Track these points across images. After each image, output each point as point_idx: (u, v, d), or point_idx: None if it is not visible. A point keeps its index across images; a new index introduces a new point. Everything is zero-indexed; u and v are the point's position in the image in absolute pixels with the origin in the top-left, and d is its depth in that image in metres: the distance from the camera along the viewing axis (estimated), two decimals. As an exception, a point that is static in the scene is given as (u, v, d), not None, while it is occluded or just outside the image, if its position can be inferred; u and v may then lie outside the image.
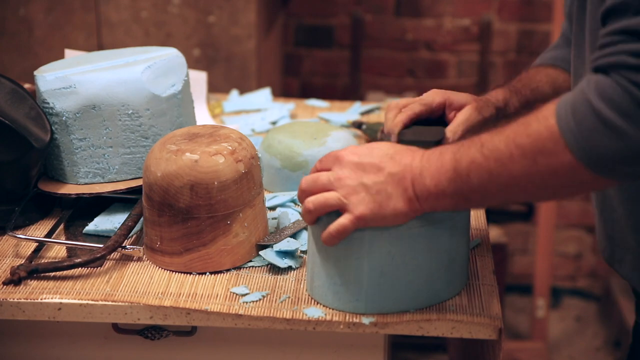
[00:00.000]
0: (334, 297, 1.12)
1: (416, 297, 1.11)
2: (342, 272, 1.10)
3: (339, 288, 1.11)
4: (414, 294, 1.11)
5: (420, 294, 1.11)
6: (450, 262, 1.13)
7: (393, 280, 1.10)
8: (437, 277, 1.12)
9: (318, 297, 1.14)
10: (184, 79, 1.40)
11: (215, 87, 2.20)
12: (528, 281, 2.92)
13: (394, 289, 1.10)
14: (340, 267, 1.10)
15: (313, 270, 1.13)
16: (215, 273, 1.21)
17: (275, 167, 1.43)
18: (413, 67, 2.94)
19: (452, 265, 1.13)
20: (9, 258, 1.24)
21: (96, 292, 1.16)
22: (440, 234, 1.10)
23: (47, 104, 1.33)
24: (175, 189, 1.17)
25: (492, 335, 1.11)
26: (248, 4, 2.36)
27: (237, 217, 1.20)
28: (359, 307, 1.11)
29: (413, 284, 1.11)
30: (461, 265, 1.15)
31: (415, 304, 1.12)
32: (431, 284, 1.12)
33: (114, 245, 1.22)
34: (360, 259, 1.08)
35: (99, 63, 1.37)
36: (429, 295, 1.12)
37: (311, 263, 1.14)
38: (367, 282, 1.09)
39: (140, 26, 2.39)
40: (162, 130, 1.35)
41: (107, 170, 1.35)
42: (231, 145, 1.20)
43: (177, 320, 1.14)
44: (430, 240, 1.10)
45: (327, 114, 1.79)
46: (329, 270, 1.11)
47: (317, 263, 1.12)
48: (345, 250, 1.09)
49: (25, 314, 1.15)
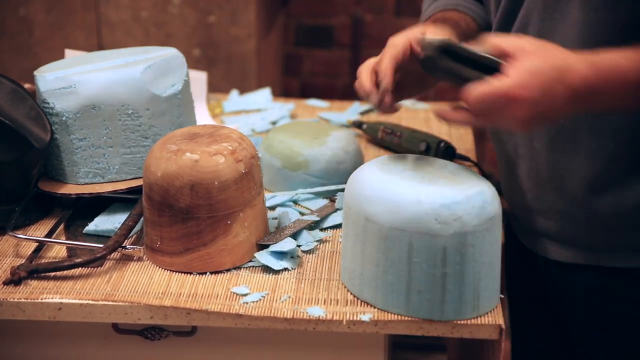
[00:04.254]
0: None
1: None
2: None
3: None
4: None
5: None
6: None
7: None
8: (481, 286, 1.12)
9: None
10: (184, 79, 1.40)
11: (215, 87, 2.20)
12: (528, 281, 2.91)
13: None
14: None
15: (478, 288, 1.10)
16: (215, 273, 1.21)
17: (275, 167, 1.43)
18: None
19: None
20: (9, 258, 1.24)
21: (96, 292, 1.16)
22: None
23: (47, 104, 1.33)
24: (176, 189, 1.17)
25: (492, 335, 1.11)
26: (248, 4, 2.36)
27: (237, 217, 1.20)
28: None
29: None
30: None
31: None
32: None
33: (114, 245, 1.22)
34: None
35: (99, 63, 1.37)
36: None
37: (473, 283, 1.10)
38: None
39: (140, 26, 2.39)
40: (162, 130, 1.36)
41: (107, 170, 1.35)
42: (231, 145, 1.20)
43: (177, 320, 1.14)
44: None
45: (327, 113, 1.79)
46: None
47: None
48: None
49: (26, 314, 1.15)
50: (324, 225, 1.33)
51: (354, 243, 1.13)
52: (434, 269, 1.08)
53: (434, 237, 1.07)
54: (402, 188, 1.08)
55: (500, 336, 1.10)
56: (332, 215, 1.35)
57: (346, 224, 1.15)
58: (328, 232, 1.32)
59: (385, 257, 1.10)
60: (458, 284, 1.08)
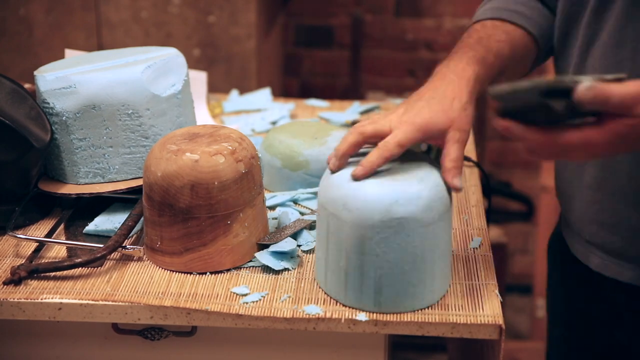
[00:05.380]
0: (411, 300, 1.12)
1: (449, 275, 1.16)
2: (419, 271, 1.10)
3: (416, 289, 1.11)
4: (449, 271, 1.15)
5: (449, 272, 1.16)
6: (448, 255, 1.16)
7: (448, 262, 1.14)
8: (439, 270, 1.14)
9: (391, 307, 1.12)
10: (184, 79, 1.40)
11: (215, 87, 2.20)
12: (528, 281, 2.92)
13: (448, 270, 1.14)
14: (417, 266, 1.10)
15: (380, 284, 1.11)
16: (215, 273, 1.21)
17: (275, 167, 1.44)
18: (413, 67, 2.94)
19: (449, 259, 1.16)
20: (9, 258, 1.24)
21: (96, 292, 1.16)
22: (446, 227, 1.12)
23: (47, 104, 1.33)
24: (176, 189, 1.17)
25: (492, 335, 1.11)
26: (248, 4, 2.36)
27: (237, 217, 1.20)
28: (433, 298, 1.13)
29: (449, 264, 1.14)
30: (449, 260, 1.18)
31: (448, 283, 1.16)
32: (436, 278, 1.14)
33: (114, 245, 1.22)
34: (433, 250, 1.10)
35: (99, 63, 1.37)
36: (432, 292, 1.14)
37: (375, 278, 1.11)
38: (437, 272, 1.12)
39: (140, 26, 2.39)
40: (162, 130, 1.36)
41: (107, 170, 1.35)
42: (231, 145, 1.21)
43: (177, 320, 1.14)
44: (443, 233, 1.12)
45: (327, 113, 1.79)
46: (405, 276, 1.10)
47: (387, 275, 1.10)
48: (422, 247, 1.09)
49: (26, 314, 1.15)
50: (324, 225, 1.33)
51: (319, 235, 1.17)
52: (339, 253, 1.11)
53: (340, 220, 1.09)
54: (347, 175, 1.10)
55: (500, 336, 1.10)
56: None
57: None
58: (328, 232, 1.32)
59: (317, 233, 1.15)
60: (358, 273, 1.10)
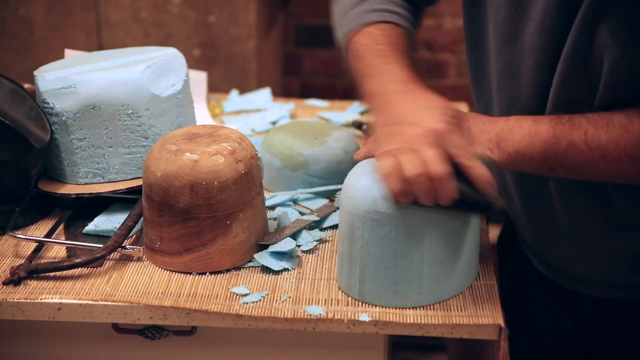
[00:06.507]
0: (393, 296, 1.13)
1: (458, 282, 1.16)
2: (403, 269, 1.11)
3: (399, 286, 1.12)
4: (457, 278, 1.16)
5: (460, 279, 1.17)
6: (475, 249, 1.19)
7: (447, 269, 1.13)
8: (468, 263, 1.17)
9: (373, 299, 1.14)
10: (183, 79, 1.40)
11: (215, 87, 2.20)
12: (528, 281, 2.91)
13: (447, 276, 1.14)
14: (400, 264, 1.11)
15: (364, 274, 1.13)
16: (215, 273, 1.21)
17: (275, 167, 1.43)
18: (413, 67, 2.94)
19: (476, 253, 1.20)
20: (9, 258, 1.24)
21: (96, 292, 1.16)
22: (474, 223, 1.15)
23: (47, 104, 1.33)
24: (175, 189, 1.17)
25: (492, 335, 1.11)
26: (248, 4, 2.36)
27: (237, 217, 1.20)
28: (420, 300, 1.13)
29: (457, 271, 1.15)
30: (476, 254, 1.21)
31: (457, 289, 1.16)
32: (465, 270, 1.17)
33: (114, 245, 1.22)
34: (421, 252, 1.11)
35: (99, 63, 1.37)
36: (461, 281, 1.17)
37: (360, 267, 1.13)
38: (426, 274, 1.12)
39: (140, 26, 2.39)
40: (162, 130, 1.36)
41: (107, 170, 1.35)
42: (231, 145, 1.21)
43: (177, 320, 1.14)
44: (469, 229, 1.15)
45: (327, 113, 1.79)
46: (387, 271, 1.12)
47: (370, 266, 1.12)
48: (405, 247, 1.10)
49: (25, 314, 1.15)
50: (324, 225, 1.33)
51: (342, 240, 1.17)
52: (340, 237, 1.16)
53: (341, 206, 1.14)
54: (364, 165, 1.15)
55: (500, 336, 1.10)
56: (332, 215, 1.35)
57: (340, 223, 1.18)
58: (328, 232, 1.32)
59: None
60: (348, 259, 1.14)
